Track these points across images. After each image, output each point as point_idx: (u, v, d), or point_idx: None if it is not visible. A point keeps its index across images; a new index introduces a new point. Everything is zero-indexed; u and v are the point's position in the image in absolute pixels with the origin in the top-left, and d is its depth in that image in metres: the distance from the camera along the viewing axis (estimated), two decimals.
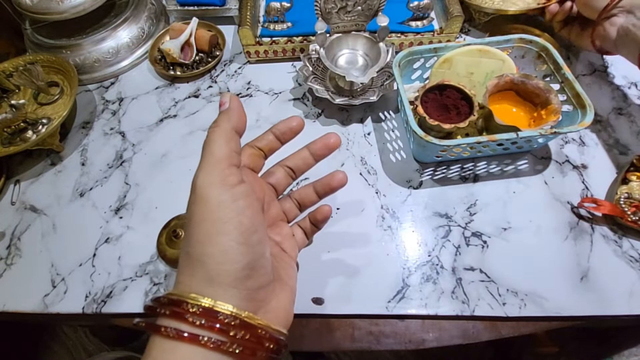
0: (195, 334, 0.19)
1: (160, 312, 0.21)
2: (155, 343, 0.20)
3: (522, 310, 0.37)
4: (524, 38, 0.46)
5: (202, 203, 0.21)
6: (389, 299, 0.39)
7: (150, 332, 0.20)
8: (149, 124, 0.53)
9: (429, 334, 0.38)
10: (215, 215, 0.21)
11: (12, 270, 0.43)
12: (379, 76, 0.51)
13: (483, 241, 0.41)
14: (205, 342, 0.19)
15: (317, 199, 0.31)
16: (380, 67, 0.46)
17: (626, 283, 0.38)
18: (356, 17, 0.47)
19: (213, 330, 0.20)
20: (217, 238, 0.21)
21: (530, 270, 0.39)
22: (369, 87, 0.50)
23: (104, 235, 0.44)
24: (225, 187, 0.22)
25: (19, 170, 0.50)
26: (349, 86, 0.49)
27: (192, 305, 0.20)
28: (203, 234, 0.21)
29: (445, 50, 0.46)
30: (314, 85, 0.49)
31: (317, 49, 0.48)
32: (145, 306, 0.22)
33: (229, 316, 0.20)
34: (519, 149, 0.45)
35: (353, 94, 0.50)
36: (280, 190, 0.31)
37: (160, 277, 0.41)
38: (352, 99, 0.48)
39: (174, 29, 0.58)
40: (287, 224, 0.31)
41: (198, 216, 0.21)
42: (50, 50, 0.56)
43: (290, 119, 0.29)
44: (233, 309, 0.20)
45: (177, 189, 0.47)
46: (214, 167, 0.22)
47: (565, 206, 0.43)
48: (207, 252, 0.21)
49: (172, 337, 0.19)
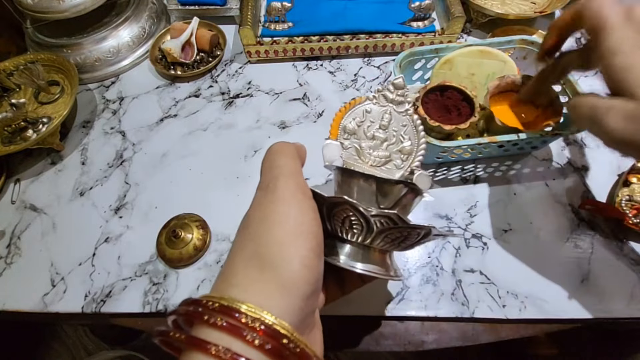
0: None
1: (209, 321, 0.17)
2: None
3: (522, 312, 0.37)
4: (526, 39, 0.46)
5: (284, 204, 0.20)
6: (388, 301, 0.38)
7: (190, 348, 0.17)
8: (150, 124, 0.53)
9: (429, 336, 0.38)
10: (298, 219, 0.20)
11: (12, 269, 0.43)
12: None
13: (483, 243, 0.41)
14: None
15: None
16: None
17: (627, 286, 0.38)
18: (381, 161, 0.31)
19: (272, 356, 0.16)
20: (297, 242, 0.19)
21: (531, 272, 0.39)
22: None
23: (103, 235, 0.44)
24: (305, 195, 0.21)
25: (19, 169, 0.50)
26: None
27: (253, 320, 0.17)
28: (283, 236, 0.19)
29: (447, 51, 0.46)
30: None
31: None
32: (182, 310, 0.18)
33: (291, 340, 0.17)
34: (520, 151, 0.45)
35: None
36: None
37: (160, 277, 0.41)
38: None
39: (175, 29, 0.58)
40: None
41: (278, 216, 0.20)
42: (51, 49, 0.56)
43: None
44: (294, 333, 0.17)
45: (177, 188, 0.47)
46: (295, 175, 0.22)
47: (566, 208, 0.43)
48: (286, 255, 0.19)
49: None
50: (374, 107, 0.32)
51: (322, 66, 0.57)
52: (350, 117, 0.32)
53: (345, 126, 0.31)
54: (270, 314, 0.17)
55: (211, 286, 0.40)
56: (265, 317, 0.17)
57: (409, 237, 0.26)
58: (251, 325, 0.16)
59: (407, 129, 0.31)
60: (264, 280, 0.18)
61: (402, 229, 0.25)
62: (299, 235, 0.20)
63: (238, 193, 0.46)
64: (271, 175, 0.22)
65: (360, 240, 0.26)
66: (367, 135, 0.31)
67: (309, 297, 0.19)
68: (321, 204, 0.24)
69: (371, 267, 0.26)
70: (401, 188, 0.28)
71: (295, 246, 0.19)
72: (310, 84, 0.55)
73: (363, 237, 0.26)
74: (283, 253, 0.19)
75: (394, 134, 0.31)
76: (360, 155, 0.31)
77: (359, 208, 0.24)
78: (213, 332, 0.17)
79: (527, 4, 0.58)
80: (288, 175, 0.22)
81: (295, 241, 0.19)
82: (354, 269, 0.26)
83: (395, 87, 0.32)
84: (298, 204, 0.21)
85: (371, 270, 0.26)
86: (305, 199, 0.21)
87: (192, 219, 0.43)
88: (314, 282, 0.19)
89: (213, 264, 0.41)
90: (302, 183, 0.22)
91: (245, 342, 0.16)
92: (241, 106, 0.54)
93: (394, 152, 0.31)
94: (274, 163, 0.23)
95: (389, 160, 0.31)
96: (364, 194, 0.28)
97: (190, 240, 0.41)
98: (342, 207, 0.24)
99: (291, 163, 0.23)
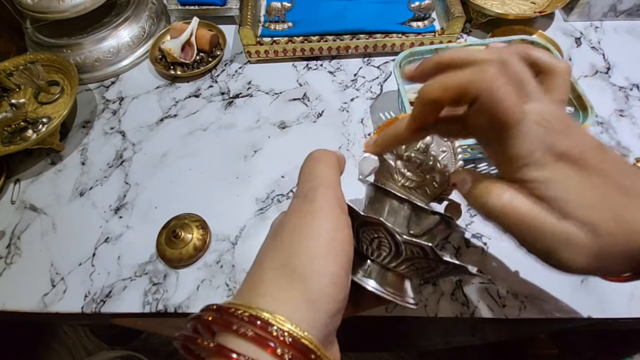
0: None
1: (238, 331, 0.16)
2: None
3: (522, 312, 0.37)
4: (526, 39, 0.46)
5: (321, 216, 0.20)
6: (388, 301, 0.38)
7: (215, 356, 0.16)
8: (149, 124, 0.53)
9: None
10: (333, 233, 0.19)
11: (12, 269, 0.43)
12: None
13: (483, 243, 0.41)
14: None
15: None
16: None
17: (627, 286, 0.38)
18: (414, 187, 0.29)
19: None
20: (329, 257, 0.19)
21: (531, 272, 0.39)
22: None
23: (103, 235, 0.44)
24: (342, 210, 0.21)
25: (19, 170, 0.50)
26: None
27: (282, 332, 0.16)
28: (316, 249, 0.19)
29: (447, 51, 0.46)
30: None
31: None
32: (206, 316, 0.18)
33: (318, 356, 0.17)
34: None
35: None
36: None
37: (160, 277, 0.41)
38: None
39: (175, 29, 0.58)
40: None
41: (314, 228, 0.19)
42: (51, 49, 0.56)
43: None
44: (321, 349, 0.17)
45: (177, 188, 0.47)
46: (334, 187, 0.21)
47: None
48: (316, 269, 0.18)
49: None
50: None
51: (322, 66, 0.57)
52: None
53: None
54: (299, 328, 0.17)
55: (213, 287, 0.40)
56: (294, 330, 0.16)
57: (435, 269, 0.24)
58: (281, 339, 0.16)
59: (446, 156, 0.29)
60: (293, 292, 0.18)
61: (431, 260, 0.24)
62: (331, 251, 0.19)
63: (238, 193, 0.46)
64: (310, 184, 0.21)
65: (385, 262, 0.25)
66: (405, 155, 0.29)
67: (334, 315, 0.19)
68: (354, 220, 0.23)
69: (387, 289, 0.25)
70: (436, 219, 0.26)
71: (326, 261, 0.19)
72: (310, 84, 0.55)
73: (389, 260, 0.25)
74: (314, 267, 0.18)
75: (432, 159, 0.28)
76: (393, 173, 0.29)
77: (393, 233, 0.23)
78: (241, 342, 0.16)
79: (527, 4, 0.58)
80: (328, 186, 0.21)
81: (327, 256, 0.19)
82: (369, 288, 0.25)
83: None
84: (335, 218, 0.20)
85: (387, 293, 0.25)
86: (342, 214, 0.21)
87: (192, 219, 0.43)
88: (341, 300, 0.19)
89: (213, 264, 0.41)
90: (341, 196, 0.21)
91: (274, 354, 0.16)
92: (241, 106, 0.54)
93: (428, 177, 0.28)
94: (314, 171, 0.22)
95: (422, 185, 0.28)
96: (396, 216, 0.26)
97: (190, 240, 0.41)
98: (374, 227, 0.23)
99: (332, 174, 0.22)
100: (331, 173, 0.22)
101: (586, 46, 0.57)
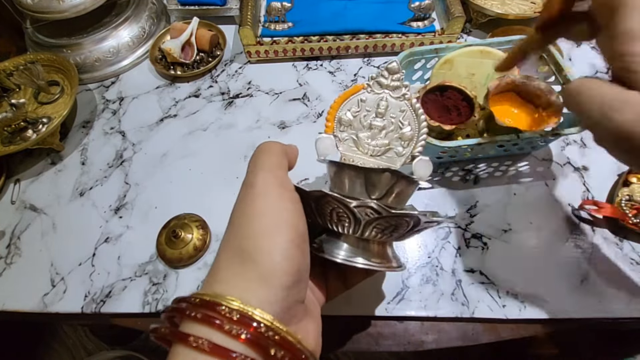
0: (230, 350, 0.16)
1: (190, 315, 0.18)
2: (180, 357, 0.17)
3: (522, 312, 0.37)
4: None
5: (262, 198, 0.21)
6: (388, 301, 0.38)
7: (175, 341, 0.18)
8: (149, 124, 0.53)
9: (428, 336, 0.38)
10: (276, 211, 0.21)
11: (12, 269, 0.43)
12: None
13: (483, 243, 0.41)
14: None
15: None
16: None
17: (627, 286, 0.38)
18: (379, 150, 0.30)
19: (251, 346, 0.17)
20: (275, 234, 0.20)
21: (531, 272, 0.39)
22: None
23: (103, 235, 0.44)
24: (284, 188, 0.22)
25: (19, 170, 0.50)
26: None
27: (231, 311, 0.17)
28: (261, 228, 0.20)
29: (447, 51, 0.46)
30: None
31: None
32: (170, 307, 0.19)
33: (270, 328, 0.18)
34: (519, 151, 0.45)
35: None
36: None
37: (160, 277, 0.41)
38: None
39: (175, 29, 0.58)
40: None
41: (256, 210, 0.21)
42: (51, 49, 0.56)
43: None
44: (274, 322, 0.18)
45: (177, 188, 0.47)
46: (274, 169, 0.23)
47: (566, 208, 0.43)
48: (265, 247, 0.19)
49: (204, 351, 0.16)
50: (368, 95, 0.30)
51: (322, 66, 0.57)
52: (344, 108, 0.31)
53: (341, 118, 0.30)
54: (248, 305, 0.18)
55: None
56: (242, 307, 0.18)
57: (399, 226, 0.25)
58: (229, 317, 0.17)
59: (406, 114, 0.29)
60: (245, 273, 0.19)
61: (388, 218, 0.24)
62: (277, 227, 0.20)
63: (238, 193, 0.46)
64: (252, 172, 0.23)
65: (351, 232, 0.25)
66: (364, 125, 0.30)
67: (290, 287, 0.20)
68: (308, 200, 0.24)
69: (370, 260, 0.26)
70: (389, 177, 0.26)
71: (274, 238, 0.20)
72: (310, 84, 0.55)
73: (353, 229, 0.25)
74: (262, 245, 0.19)
75: (392, 121, 0.29)
76: (358, 146, 0.30)
77: (341, 200, 0.23)
78: (195, 325, 0.18)
79: (527, 4, 0.58)
80: (267, 169, 0.22)
81: (274, 234, 0.20)
82: (353, 264, 0.25)
83: (390, 72, 0.30)
84: (276, 197, 0.21)
85: (370, 264, 0.26)
86: (284, 191, 0.22)
87: (192, 219, 0.43)
88: (295, 273, 0.20)
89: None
90: (282, 176, 0.23)
91: (224, 332, 0.17)
92: (241, 106, 0.54)
93: (394, 139, 0.29)
94: (257, 161, 0.23)
95: (389, 149, 0.29)
96: (355, 186, 0.27)
97: (190, 240, 0.41)
98: (325, 200, 0.24)
99: (273, 159, 0.23)
100: (273, 159, 0.23)
101: (586, 46, 0.56)
